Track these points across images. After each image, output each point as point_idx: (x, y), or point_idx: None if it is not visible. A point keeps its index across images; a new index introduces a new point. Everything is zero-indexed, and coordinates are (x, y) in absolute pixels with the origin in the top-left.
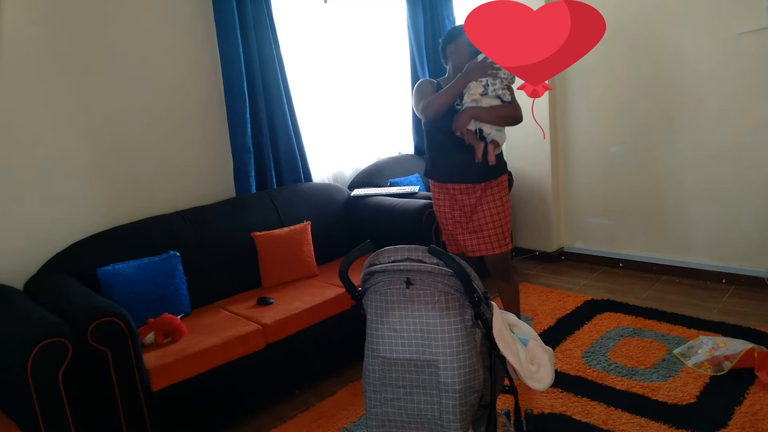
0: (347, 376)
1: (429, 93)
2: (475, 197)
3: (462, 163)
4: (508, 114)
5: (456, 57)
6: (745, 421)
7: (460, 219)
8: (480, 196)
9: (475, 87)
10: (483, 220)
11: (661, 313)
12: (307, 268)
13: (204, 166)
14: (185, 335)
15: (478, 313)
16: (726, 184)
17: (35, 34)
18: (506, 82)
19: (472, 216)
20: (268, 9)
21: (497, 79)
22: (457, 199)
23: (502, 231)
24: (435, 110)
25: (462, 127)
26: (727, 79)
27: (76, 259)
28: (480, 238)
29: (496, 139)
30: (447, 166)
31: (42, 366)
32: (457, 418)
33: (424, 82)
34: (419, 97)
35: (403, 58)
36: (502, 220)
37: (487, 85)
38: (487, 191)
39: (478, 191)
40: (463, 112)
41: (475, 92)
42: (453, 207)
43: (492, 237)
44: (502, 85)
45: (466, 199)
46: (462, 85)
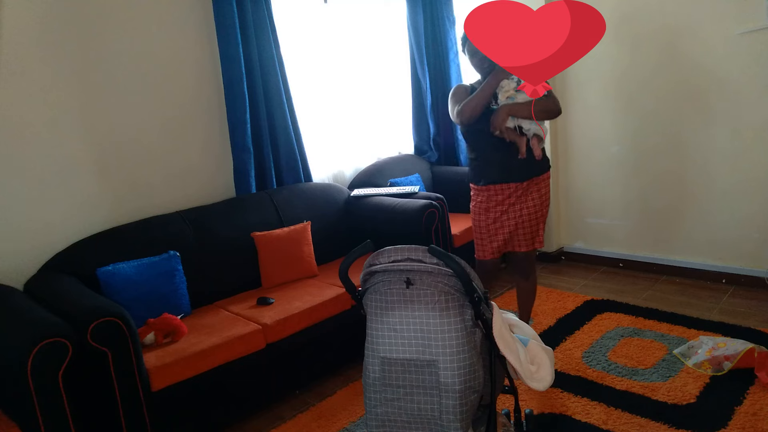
0: (347, 376)
1: (464, 97)
2: (515, 196)
3: (504, 163)
4: (546, 107)
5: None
6: (745, 421)
7: (503, 215)
8: (521, 195)
9: (507, 84)
10: (522, 217)
11: (661, 313)
12: (307, 268)
13: (204, 166)
14: (185, 335)
15: (478, 313)
16: (726, 184)
17: (35, 34)
18: None
19: (513, 211)
20: (268, 9)
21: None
22: (497, 200)
23: (537, 226)
24: (470, 114)
25: (500, 125)
26: (728, 79)
27: (76, 259)
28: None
29: (538, 134)
30: (488, 167)
31: (42, 366)
32: (457, 418)
33: (459, 87)
34: (454, 103)
35: (403, 58)
36: (539, 218)
37: (519, 81)
38: (530, 188)
39: (520, 190)
40: (498, 110)
41: (509, 89)
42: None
43: (528, 232)
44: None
45: (506, 199)
46: (494, 84)
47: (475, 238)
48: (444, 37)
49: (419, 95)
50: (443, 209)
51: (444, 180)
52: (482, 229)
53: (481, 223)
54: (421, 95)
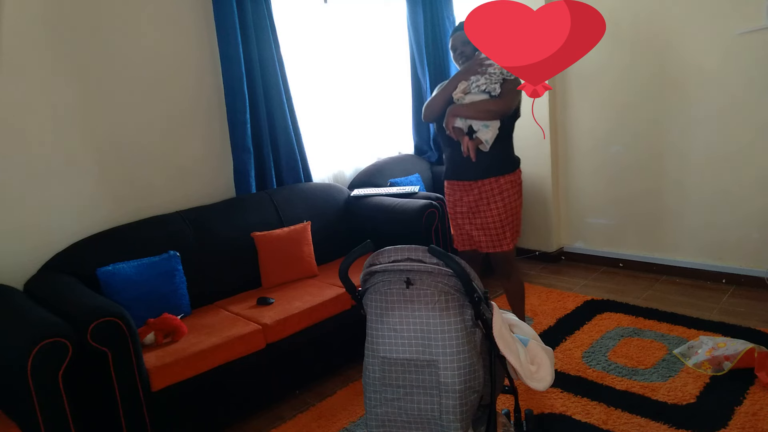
0: (347, 376)
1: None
2: (473, 194)
3: (460, 160)
4: (489, 108)
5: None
6: (745, 421)
7: (467, 214)
8: (479, 193)
9: (460, 85)
10: (486, 218)
11: (661, 313)
12: (307, 268)
13: (204, 167)
14: (185, 335)
15: (478, 313)
16: (726, 184)
17: (35, 34)
18: (496, 78)
19: (476, 212)
20: (268, 9)
21: (485, 75)
22: (455, 198)
23: (503, 229)
24: (429, 112)
25: (449, 125)
26: (728, 80)
27: (76, 259)
28: (485, 234)
29: (480, 136)
30: (449, 163)
31: (42, 366)
32: (457, 418)
33: (438, 87)
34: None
35: (403, 58)
36: (504, 219)
37: (472, 83)
38: (486, 188)
39: (475, 189)
40: (448, 110)
41: (458, 90)
42: (455, 204)
43: (493, 235)
44: (491, 81)
45: (465, 196)
46: (452, 85)
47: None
48: (444, 37)
49: (419, 95)
50: (443, 209)
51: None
52: (452, 220)
53: (449, 213)
54: (421, 95)
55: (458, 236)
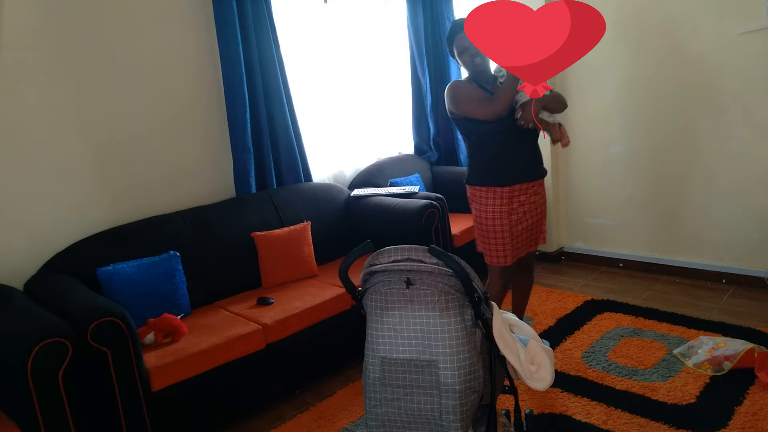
0: (347, 376)
1: (480, 94)
2: (530, 193)
3: (524, 160)
4: (559, 98)
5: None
6: (745, 421)
7: (523, 217)
8: (535, 192)
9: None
10: (539, 214)
11: (661, 313)
12: (307, 268)
13: (204, 166)
14: (185, 335)
15: (478, 313)
16: (726, 184)
17: (35, 34)
18: None
19: (532, 212)
20: (268, 9)
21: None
22: (520, 200)
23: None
24: (505, 107)
25: (530, 118)
26: (727, 80)
27: (76, 259)
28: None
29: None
30: (510, 167)
31: (42, 366)
32: (457, 418)
33: (467, 86)
34: (475, 100)
35: (403, 58)
36: (545, 214)
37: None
38: (542, 186)
39: (535, 187)
40: (526, 103)
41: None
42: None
43: (541, 230)
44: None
45: (525, 197)
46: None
47: (493, 244)
48: (444, 37)
49: (419, 95)
50: (443, 209)
51: (444, 180)
52: (504, 233)
53: (504, 226)
54: (421, 95)
55: (513, 249)
